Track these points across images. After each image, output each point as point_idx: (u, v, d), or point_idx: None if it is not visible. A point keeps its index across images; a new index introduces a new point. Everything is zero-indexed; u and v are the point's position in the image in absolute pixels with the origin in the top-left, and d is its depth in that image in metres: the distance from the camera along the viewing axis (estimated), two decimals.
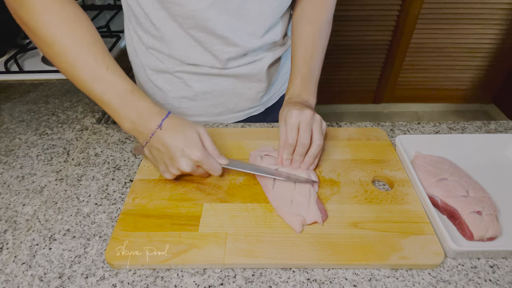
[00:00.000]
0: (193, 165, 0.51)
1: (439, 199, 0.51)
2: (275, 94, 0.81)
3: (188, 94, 0.71)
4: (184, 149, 0.50)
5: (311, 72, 0.64)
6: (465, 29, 2.02)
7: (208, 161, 0.52)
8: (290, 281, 0.44)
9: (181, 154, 0.50)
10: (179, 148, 0.50)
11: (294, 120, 0.54)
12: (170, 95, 0.72)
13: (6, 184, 0.59)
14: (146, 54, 0.68)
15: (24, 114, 0.77)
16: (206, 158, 0.51)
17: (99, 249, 0.48)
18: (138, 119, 0.51)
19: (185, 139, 0.50)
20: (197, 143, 0.51)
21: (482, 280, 0.44)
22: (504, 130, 0.69)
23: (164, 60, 0.67)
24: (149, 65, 0.69)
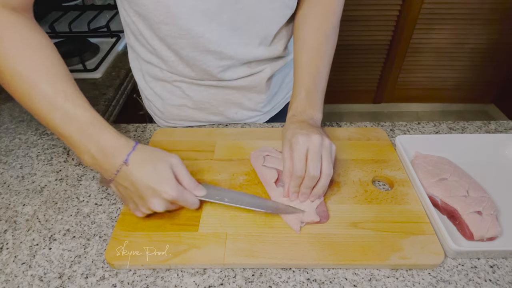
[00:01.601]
0: (166, 204, 0.47)
1: (439, 199, 0.51)
2: (278, 103, 0.79)
3: (187, 103, 0.71)
4: (155, 188, 0.45)
5: (317, 84, 0.59)
6: (465, 29, 2.03)
7: (183, 198, 0.47)
8: (290, 281, 0.44)
9: (152, 193, 0.46)
10: (149, 187, 0.45)
11: (301, 147, 0.49)
12: (169, 102, 0.71)
13: (6, 184, 0.59)
14: (147, 65, 0.68)
15: (24, 114, 0.77)
16: (180, 195, 0.47)
17: (99, 249, 0.48)
18: (100, 153, 0.46)
19: (156, 176, 0.46)
20: (169, 179, 0.46)
21: (482, 280, 0.44)
22: (504, 130, 0.69)
23: (165, 71, 0.66)
24: (148, 72, 0.69)
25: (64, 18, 1.23)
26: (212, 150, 0.63)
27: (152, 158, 0.47)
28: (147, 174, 0.45)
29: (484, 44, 2.09)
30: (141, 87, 0.74)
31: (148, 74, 0.69)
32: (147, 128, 0.71)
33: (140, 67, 0.70)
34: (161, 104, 0.72)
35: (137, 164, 0.46)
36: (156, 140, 0.65)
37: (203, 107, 0.71)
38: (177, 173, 0.48)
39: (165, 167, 0.46)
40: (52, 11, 1.28)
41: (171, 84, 0.68)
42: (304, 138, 0.49)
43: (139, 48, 0.65)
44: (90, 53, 1.00)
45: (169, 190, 0.45)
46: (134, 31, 0.61)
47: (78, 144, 0.47)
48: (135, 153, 0.47)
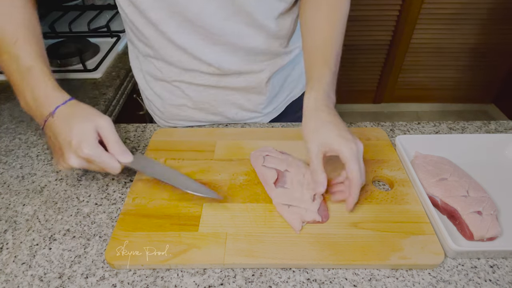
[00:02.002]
0: (81, 161, 0.47)
1: (439, 199, 0.51)
2: (280, 105, 0.78)
3: (187, 103, 0.71)
4: (72, 143, 0.46)
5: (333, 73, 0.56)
6: (465, 29, 2.03)
7: (101, 159, 0.47)
8: (290, 281, 0.44)
9: (69, 148, 0.46)
10: (67, 142, 0.46)
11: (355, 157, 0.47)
12: (169, 102, 0.71)
13: (6, 184, 0.59)
14: (145, 62, 0.68)
15: (24, 114, 0.77)
16: (97, 155, 0.46)
17: (99, 249, 0.48)
18: (33, 101, 0.49)
19: (76, 132, 0.46)
20: (88, 137, 0.46)
21: (482, 280, 0.44)
22: (504, 130, 0.69)
23: (162, 69, 0.66)
24: (148, 71, 0.69)
25: (64, 18, 1.23)
26: (212, 150, 0.63)
27: (77, 115, 0.48)
28: (68, 129, 0.47)
29: (484, 44, 2.09)
30: (141, 87, 0.74)
31: (148, 74, 0.70)
32: (147, 128, 0.71)
33: (140, 66, 0.70)
34: (161, 104, 0.72)
35: (62, 118, 0.48)
36: (156, 140, 0.65)
37: (203, 107, 0.71)
38: (103, 136, 0.48)
39: (88, 125, 0.47)
40: (52, 11, 1.28)
41: (170, 84, 0.68)
42: (354, 147, 0.48)
43: (137, 43, 0.65)
44: (90, 53, 1.00)
45: (84, 148, 0.46)
46: (130, 25, 0.62)
47: (17, 88, 0.51)
48: (64, 107, 0.48)
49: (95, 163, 0.47)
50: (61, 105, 0.48)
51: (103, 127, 0.48)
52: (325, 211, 0.51)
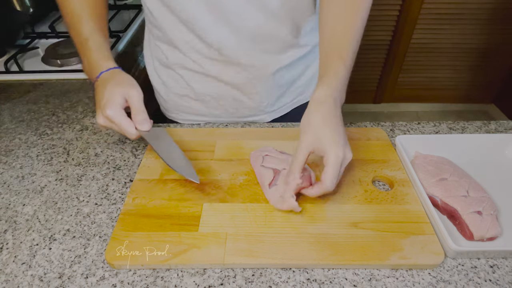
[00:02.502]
0: (105, 120, 0.54)
1: (439, 199, 0.51)
2: (284, 106, 0.78)
3: (189, 93, 0.72)
4: (100, 104, 0.54)
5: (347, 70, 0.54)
6: (465, 29, 2.03)
7: (120, 122, 0.53)
8: (290, 281, 0.44)
9: (99, 107, 0.55)
10: (99, 101, 0.55)
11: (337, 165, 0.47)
12: (173, 91, 0.74)
13: (6, 184, 0.59)
14: (155, 48, 0.71)
15: (24, 114, 0.77)
16: (118, 118, 0.52)
17: (99, 249, 0.48)
18: (88, 67, 0.60)
19: (106, 95, 0.53)
20: (114, 101, 0.53)
21: (482, 280, 0.44)
22: (504, 130, 0.69)
23: (168, 55, 0.69)
24: (157, 57, 0.72)
25: None
26: (212, 150, 0.63)
27: (113, 81, 0.55)
28: (102, 91, 0.55)
29: (484, 44, 2.09)
30: (149, 73, 0.77)
31: (157, 60, 0.73)
32: None
33: (151, 53, 0.74)
34: (165, 92, 0.75)
35: (102, 82, 0.56)
36: None
37: (204, 100, 0.72)
38: (130, 103, 0.54)
39: (118, 90, 0.54)
40: (52, 11, 1.28)
41: (175, 72, 0.70)
42: (341, 154, 0.48)
43: (150, 25, 0.69)
44: None
45: (107, 109, 0.52)
46: (144, 8, 0.66)
47: (80, 55, 0.62)
48: (106, 73, 0.57)
49: (114, 124, 0.53)
50: (104, 72, 0.57)
51: (131, 96, 0.54)
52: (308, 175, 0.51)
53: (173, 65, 0.69)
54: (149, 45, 0.74)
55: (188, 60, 0.67)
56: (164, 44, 0.68)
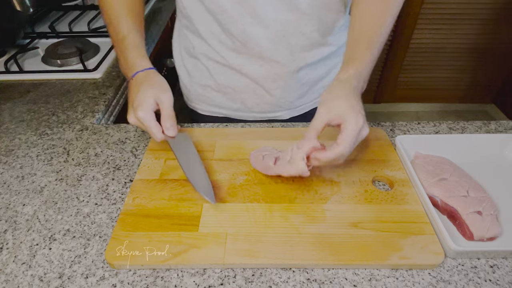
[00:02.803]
0: (136, 121, 0.56)
1: (439, 199, 0.51)
2: (304, 106, 0.78)
3: (211, 84, 0.74)
4: (134, 104, 0.55)
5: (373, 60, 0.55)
6: (465, 29, 2.03)
7: (149, 125, 0.54)
8: (290, 281, 0.44)
9: (131, 107, 0.56)
10: (131, 101, 0.56)
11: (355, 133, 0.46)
12: (196, 81, 0.76)
13: (6, 184, 0.59)
14: (184, 37, 0.73)
15: (24, 114, 0.77)
16: (147, 121, 0.54)
17: (99, 249, 0.48)
18: (124, 65, 0.62)
19: (139, 96, 0.55)
20: (145, 104, 0.54)
21: (482, 280, 0.44)
22: (504, 130, 0.69)
23: (195, 45, 0.71)
24: (184, 47, 0.74)
25: (64, 18, 1.23)
26: (212, 150, 0.63)
27: (147, 83, 0.57)
28: (136, 92, 0.56)
29: (484, 44, 2.09)
30: (176, 62, 0.80)
31: (184, 50, 0.75)
32: None
33: (179, 43, 0.76)
34: (189, 81, 0.77)
35: (136, 82, 0.58)
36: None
37: (225, 92, 0.74)
38: (160, 108, 0.56)
39: (150, 94, 0.55)
40: (52, 11, 1.28)
41: (200, 62, 0.72)
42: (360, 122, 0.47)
43: (179, 15, 0.71)
44: (90, 53, 1.00)
45: (139, 110, 0.54)
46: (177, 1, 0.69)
47: (116, 53, 0.64)
48: (142, 73, 0.59)
49: (142, 125, 0.55)
50: (140, 72, 0.58)
51: (162, 101, 0.55)
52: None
53: (199, 55, 0.71)
54: (178, 34, 0.77)
55: (212, 51, 0.69)
56: (191, 34, 0.70)
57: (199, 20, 0.66)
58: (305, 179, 0.56)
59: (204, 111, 0.81)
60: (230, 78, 0.71)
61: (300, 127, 0.69)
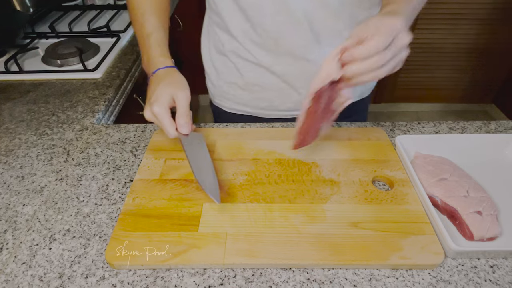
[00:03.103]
0: (151, 116, 0.56)
1: (439, 199, 0.51)
2: None
3: (238, 82, 0.74)
4: (151, 99, 0.56)
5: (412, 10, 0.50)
6: (465, 29, 2.03)
7: (163, 121, 0.55)
8: (290, 281, 0.44)
9: (148, 102, 0.57)
10: (149, 97, 0.57)
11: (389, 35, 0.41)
12: (223, 77, 0.76)
13: (6, 184, 0.59)
14: (213, 34, 0.74)
15: (24, 114, 0.77)
16: (161, 117, 0.54)
17: (99, 249, 0.48)
18: (147, 61, 0.63)
19: (157, 92, 0.56)
20: (162, 100, 0.55)
21: (482, 280, 0.44)
22: (504, 130, 0.69)
23: (225, 42, 0.71)
24: (214, 44, 0.75)
25: (64, 18, 1.23)
26: (212, 150, 0.63)
27: (166, 80, 0.58)
28: (154, 88, 0.57)
29: (484, 44, 2.09)
30: (204, 59, 0.80)
31: (213, 47, 0.75)
32: (147, 128, 0.71)
33: (208, 40, 0.77)
34: (216, 78, 0.78)
35: (156, 78, 0.59)
36: (156, 140, 0.65)
37: (252, 90, 0.74)
38: (176, 105, 0.56)
39: (168, 91, 0.56)
40: (52, 11, 1.28)
41: (228, 59, 0.73)
42: (399, 25, 0.42)
43: (210, 13, 0.72)
44: (90, 53, 1.00)
45: (154, 106, 0.54)
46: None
47: (140, 49, 0.66)
48: (162, 71, 0.60)
49: (157, 121, 0.56)
50: (160, 69, 0.60)
51: (179, 98, 0.56)
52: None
53: (228, 52, 0.72)
54: (207, 31, 0.77)
55: (242, 48, 0.69)
56: (221, 31, 0.71)
57: (230, 18, 0.67)
58: (305, 179, 0.56)
59: (229, 109, 0.82)
60: (259, 76, 0.72)
61: None
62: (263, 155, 0.62)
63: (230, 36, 0.70)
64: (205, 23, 0.78)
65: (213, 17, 0.71)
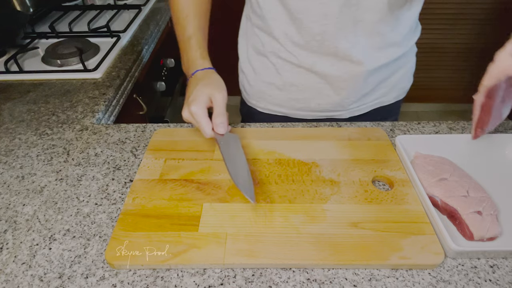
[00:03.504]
0: (188, 115, 0.57)
1: (439, 199, 0.51)
2: (365, 106, 0.78)
3: (276, 82, 0.74)
4: (189, 100, 0.58)
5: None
6: (465, 29, 2.03)
7: (200, 121, 0.56)
8: (290, 281, 0.44)
9: (186, 102, 0.59)
10: (188, 97, 0.59)
11: None
12: (260, 78, 0.76)
13: (6, 184, 0.59)
14: (252, 35, 0.74)
15: (24, 114, 0.77)
16: (198, 116, 0.56)
17: (99, 249, 0.48)
18: (187, 63, 0.66)
19: (195, 92, 0.58)
20: (200, 100, 0.56)
21: (482, 280, 0.44)
22: (504, 130, 0.69)
23: (265, 43, 0.72)
24: (253, 45, 0.75)
25: (64, 18, 1.23)
26: (212, 150, 0.63)
27: (203, 81, 0.60)
28: (192, 88, 0.59)
29: (484, 44, 2.09)
30: (241, 59, 0.82)
31: (252, 47, 0.76)
32: (147, 128, 0.71)
33: (246, 40, 0.78)
34: (253, 78, 0.79)
35: (194, 80, 0.62)
36: (156, 140, 0.65)
37: (290, 90, 0.74)
38: (213, 105, 0.58)
39: (206, 91, 0.58)
40: (52, 11, 1.28)
41: (268, 60, 0.74)
42: None
43: (251, 14, 0.72)
44: (90, 53, 1.00)
45: (192, 105, 0.56)
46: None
47: (181, 51, 0.68)
48: (201, 72, 0.63)
49: (194, 121, 0.57)
50: (199, 71, 0.63)
51: (216, 99, 0.57)
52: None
53: (268, 53, 0.72)
54: (245, 32, 0.77)
55: (283, 50, 0.70)
56: (262, 33, 0.71)
57: (274, 21, 0.67)
58: (305, 179, 0.56)
59: (264, 109, 0.82)
60: (298, 77, 0.72)
61: (300, 127, 0.69)
62: (263, 155, 0.62)
63: (271, 38, 0.70)
64: (242, 25, 0.78)
65: (254, 20, 0.71)
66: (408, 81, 0.82)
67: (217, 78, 0.62)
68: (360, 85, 0.71)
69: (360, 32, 0.65)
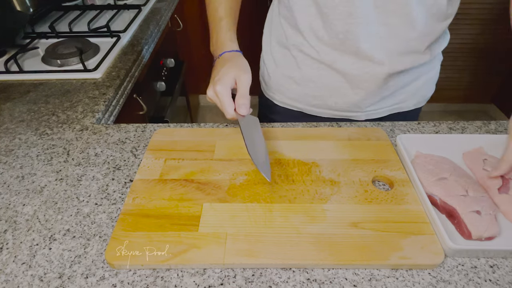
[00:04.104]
0: (213, 94, 0.59)
1: (438, 198, 0.51)
2: (383, 109, 0.77)
3: (295, 76, 0.75)
4: (215, 79, 0.59)
5: None
6: (465, 29, 2.03)
7: (223, 100, 0.57)
8: (290, 281, 0.44)
9: (212, 81, 0.60)
10: (213, 77, 0.60)
11: None
12: (280, 70, 0.77)
13: (6, 184, 0.59)
14: (277, 26, 0.74)
15: (24, 114, 0.77)
16: (222, 96, 0.57)
17: (99, 249, 0.48)
18: (215, 44, 0.67)
19: (221, 73, 0.59)
20: (225, 79, 0.58)
21: (482, 280, 0.44)
22: (504, 130, 0.69)
23: (288, 36, 0.72)
24: (276, 36, 0.76)
25: (64, 18, 1.24)
26: (212, 150, 0.63)
27: (230, 63, 0.61)
28: (219, 69, 0.61)
29: (484, 44, 2.09)
30: (263, 50, 0.82)
31: (275, 39, 0.77)
32: (147, 128, 0.71)
33: (270, 32, 0.78)
34: (273, 70, 0.80)
35: (222, 60, 0.63)
36: (156, 140, 0.65)
37: (307, 85, 0.75)
38: (238, 86, 0.59)
39: (231, 72, 0.59)
40: (52, 11, 1.28)
41: (290, 52, 0.74)
42: None
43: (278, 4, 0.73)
44: (90, 53, 1.00)
45: (217, 85, 0.57)
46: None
47: (210, 31, 0.70)
48: (228, 54, 0.64)
49: (218, 100, 0.58)
50: (227, 52, 0.64)
51: (241, 80, 0.58)
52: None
53: (291, 46, 0.72)
54: (271, 22, 0.78)
55: (306, 44, 0.70)
56: (287, 25, 0.71)
57: (301, 13, 0.67)
58: (305, 179, 0.57)
59: (280, 102, 0.83)
60: (318, 73, 0.72)
61: (300, 127, 0.69)
62: None
63: (296, 31, 0.70)
64: (269, 14, 0.79)
65: (282, 10, 0.71)
66: (430, 89, 0.82)
67: (243, 60, 0.63)
68: (379, 87, 0.70)
69: (384, 34, 0.64)
